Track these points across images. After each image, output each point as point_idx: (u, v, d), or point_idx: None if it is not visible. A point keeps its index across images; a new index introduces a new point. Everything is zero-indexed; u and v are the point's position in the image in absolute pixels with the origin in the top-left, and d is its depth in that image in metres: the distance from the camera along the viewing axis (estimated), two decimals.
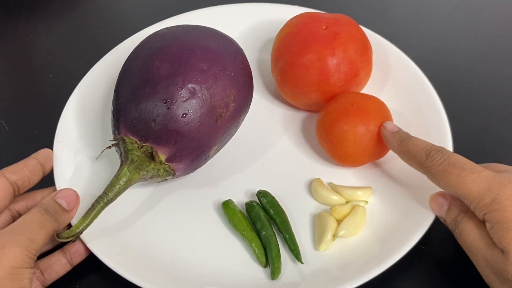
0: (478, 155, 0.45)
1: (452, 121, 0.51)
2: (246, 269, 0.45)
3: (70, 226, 0.43)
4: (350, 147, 0.48)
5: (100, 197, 0.43)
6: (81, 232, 0.42)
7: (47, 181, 0.48)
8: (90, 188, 0.49)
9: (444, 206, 0.44)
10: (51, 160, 0.48)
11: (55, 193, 0.44)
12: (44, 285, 0.44)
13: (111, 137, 0.46)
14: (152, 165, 0.44)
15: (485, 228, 0.40)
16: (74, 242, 0.45)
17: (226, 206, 0.48)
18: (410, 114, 0.53)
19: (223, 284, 0.44)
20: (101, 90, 0.56)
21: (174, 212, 0.49)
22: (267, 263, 0.45)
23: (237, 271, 0.45)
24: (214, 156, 0.48)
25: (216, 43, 0.47)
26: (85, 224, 0.42)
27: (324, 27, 0.52)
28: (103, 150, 0.47)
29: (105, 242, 0.45)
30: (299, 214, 0.48)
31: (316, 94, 0.52)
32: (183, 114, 0.43)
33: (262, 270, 0.45)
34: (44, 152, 0.48)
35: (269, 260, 0.45)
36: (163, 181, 0.48)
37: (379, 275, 0.42)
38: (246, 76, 0.49)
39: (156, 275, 0.44)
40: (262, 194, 0.49)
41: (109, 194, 0.43)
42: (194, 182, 0.50)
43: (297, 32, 0.52)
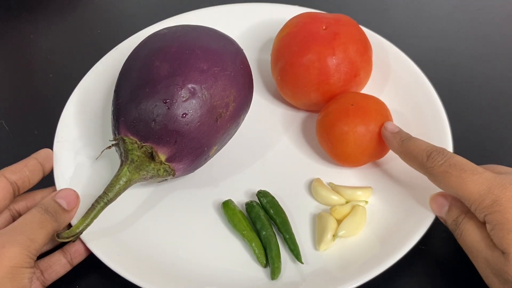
0: (478, 155, 0.45)
1: (452, 121, 0.51)
2: (246, 269, 0.45)
3: (70, 226, 0.43)
4: (350, 147, 0.48)
5: (100, 197, 0.43)
6: (81, 232, 0.42)
7: (47, 181, 0.48)
8: (90, 188, 0.48)
9: (444, 206, 0.44)
10: (51, 160, 0.48)
11: (55, 193, 0.44)
12: (44, 285, 0.44)
13: (111, 137, 0.46)
14: (152, 165, 0.44)
15: (485, 229, 0.40)
16: (74, 242, 0.45)
17: (226, 206, 0.48)
18: (410, 114, 0.53)
19: (223, 284, 0.44)
20: (101, 90, 0.56)
21: (174, 212, 0.49)
22: (267, 263, 0.45)
23: (237, 271, 0.45)
24: (214, 156, 0.48)
25: (216, 43, 0.47)
26: (85, 224, 0.42)
27: (324, 27, 0.52)
28: (103, 150, 0.47)
29: (105, 242, 0.45)
30: (299, 214, 0.48)
31: (316, 94, 0.52)
32: (183, 114, 0.43)
33: (262, 270, 0.45)
34: (44, 152, 0.48)
35: (269, 260, 0.45)
36: (163, 181, 0.48)
37: (379, 275, 0.42)
38: (246, 76, 0.49)
39: (156, 275, 0.44)
40: (262, 194, 0.49)
41: (109, 194, 0.43)
42: (194, 182, 0.50)
43: (297, 32, 0.52)
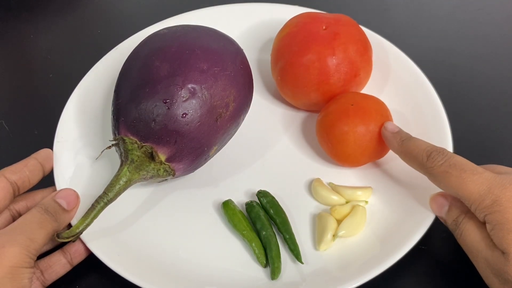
0: (478, 155, 0.45)
1: (452, 121, 0.51)
2: (246, 269, 0.45)
3: (70, 226, 0.43)
4: (350, 148, 0.48)
5: (100, 197, 0.43)
6: (81, 232, 0.42)
7: (47, 181, 0.48)
8: (90, 188, 0.48)
9: (444, 206, 0.44)
10: (51, 160, 0.48)
11: (55, 193, 0.44)
12: (44, 285, 0.44)
13: (111, 137, 0.46)
14: (152, 165, 0.44)
15: (485, 229, 0.40)
16: (74, 242, 0.45)
17: (226, 206, 0.48)
18: (410, 114, 0.53)
19: (223, 284, 0.44)
20: (101, 90, 0.56)
21: (174, 212, 0.49)
22: (267, 263, 0.45)
23: (237, 271, 0.45)
24: (214, 156, 0.48)
25: (216, 43, 0.47)
26: (85, 224, 0.42)
27: (324, 27, 0.52)
28: (103, 150, 0.47)
29: (105, 242, 0.45)
30: (299, 214, 0.48)
31: (316, 94, 0.52)
32: (183, 114, 0.43)
33: (262, 270, 0.45)
34: (44, 152, 0.48)
35: (269, 260, 0.45)
36: (163, 181, 0.48)
37: (379, 275, 0.42)
38: (246, 76, 0.49)
39: (156, 275, 0.44)
40: (262, 194, 0.49)
41: (109, 194, 0.43)
42: (194, 182, 0.50)
43: (297, 32, 0.52)
